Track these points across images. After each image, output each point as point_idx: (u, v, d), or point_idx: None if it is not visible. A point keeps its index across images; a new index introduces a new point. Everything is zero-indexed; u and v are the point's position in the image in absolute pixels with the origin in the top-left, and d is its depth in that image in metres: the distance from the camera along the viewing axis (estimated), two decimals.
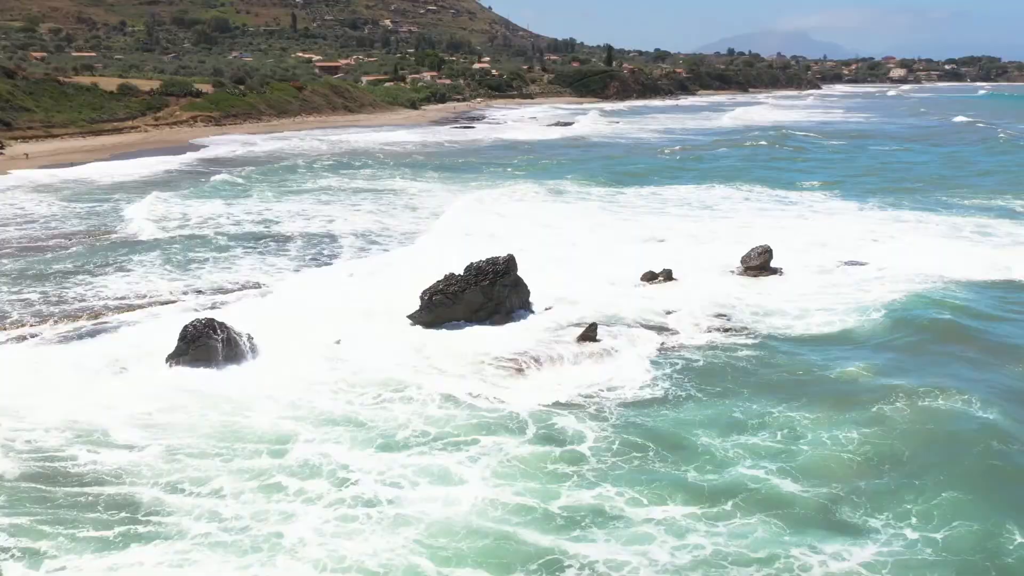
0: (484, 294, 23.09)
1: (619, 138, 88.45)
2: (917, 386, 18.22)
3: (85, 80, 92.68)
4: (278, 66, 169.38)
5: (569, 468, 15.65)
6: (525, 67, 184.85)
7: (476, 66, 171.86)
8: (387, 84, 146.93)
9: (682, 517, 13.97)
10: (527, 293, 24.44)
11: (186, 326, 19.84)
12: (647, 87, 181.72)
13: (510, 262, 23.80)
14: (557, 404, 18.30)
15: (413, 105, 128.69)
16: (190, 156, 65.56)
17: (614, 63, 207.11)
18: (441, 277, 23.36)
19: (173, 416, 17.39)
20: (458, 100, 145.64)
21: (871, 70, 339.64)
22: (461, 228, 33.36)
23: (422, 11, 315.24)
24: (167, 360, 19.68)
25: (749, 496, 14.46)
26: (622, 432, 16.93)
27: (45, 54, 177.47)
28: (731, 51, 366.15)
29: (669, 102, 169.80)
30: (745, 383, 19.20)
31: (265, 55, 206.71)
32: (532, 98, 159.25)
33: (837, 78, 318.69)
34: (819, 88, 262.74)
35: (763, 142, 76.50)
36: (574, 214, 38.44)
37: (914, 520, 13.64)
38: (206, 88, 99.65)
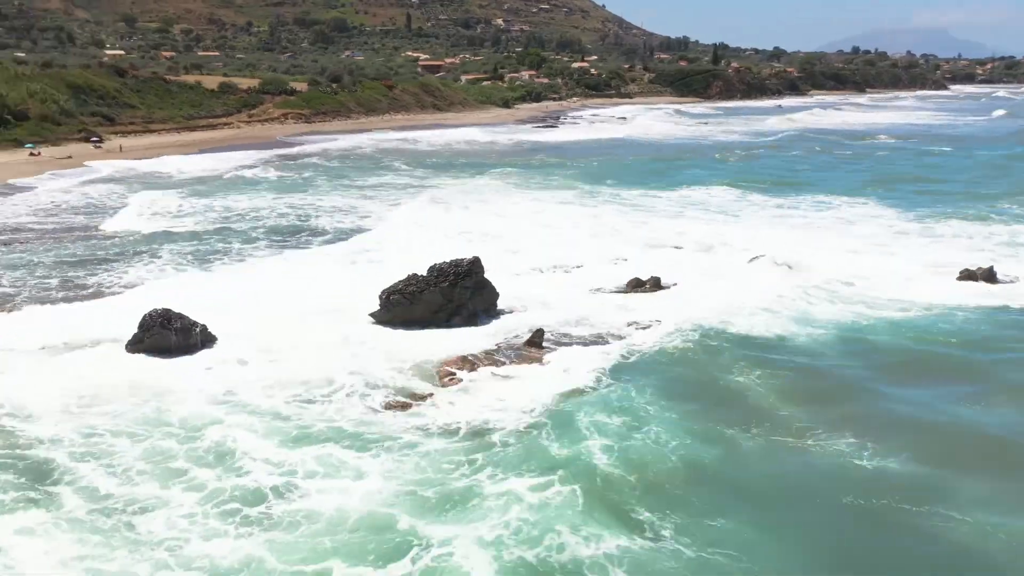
0: (443, 295, 23.48)
1: (689, 139, 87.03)
2: (785, 413, 18.20)
3: (190, 79, 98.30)
4: (385, 65, 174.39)
5: (464, 457, 16.14)
6: (626, 66, 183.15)
7: (575, 65, 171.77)
8: (485, 83, 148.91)
9: (526, 491, 14.67)
10: (494, 296, 24.65)
11: (144, 315, 21.16)
12: (752, 87, 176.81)
13: (474, 264, 24.09)
14: (478, 405, 18.62)
15: (506, 104, 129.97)
16: (268, 152, 68.61)
17: (722, 62, 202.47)
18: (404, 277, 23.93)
19: (111, 397, 18.63)
20: (554, 99, 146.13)
21: (1008, 70, 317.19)
22: (456, 228, 33.81)
23: (535, 10, 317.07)
24: (126, 347, 21.07)
25: (576, 470, 15.24)
26: (520, 428, 17.30)
27: (174, 53, 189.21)
28: (856, 49, 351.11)
29: (774, 102, 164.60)
30: (650, 378, 19.54)
31: (376, 54, 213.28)
32: (630, 98, 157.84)
33: (969, 78, 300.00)
34: (946, 89, 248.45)
35: (818, 147, 75.11)
36: (592, 216, 38.27)
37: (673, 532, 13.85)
38: (302, 87, 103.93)
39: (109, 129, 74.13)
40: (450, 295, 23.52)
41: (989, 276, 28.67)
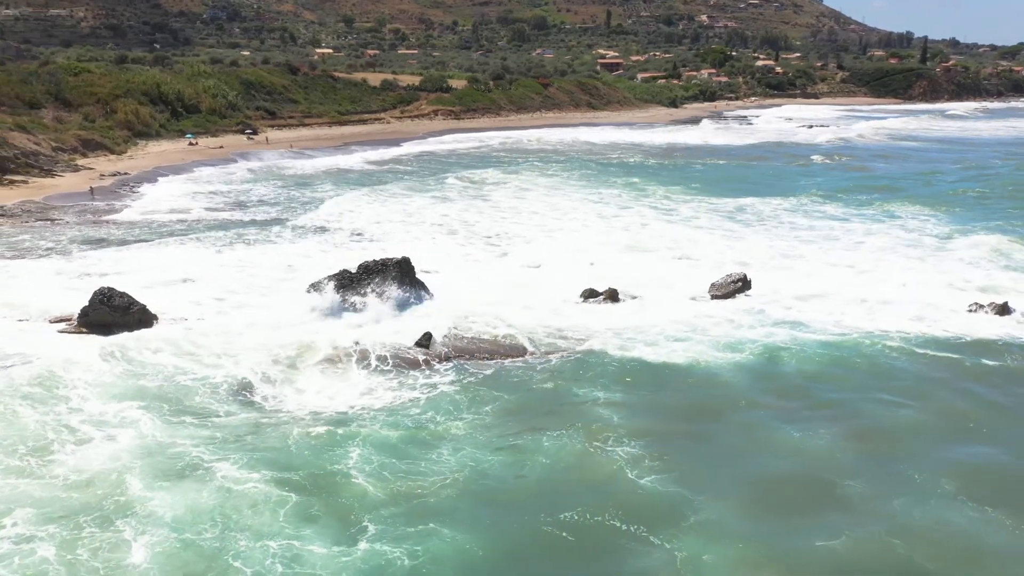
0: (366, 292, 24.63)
1: (804, 144, 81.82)
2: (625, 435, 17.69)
3: (357, 76, 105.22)
4: (571, 63, 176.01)
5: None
6: (818, 64, 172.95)
7: (759, 63, 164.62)
8: (659, 81, 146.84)
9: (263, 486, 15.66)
10: (424, 295, 25.48)
11: (94, 291, 23.99)
12: (964, 87, 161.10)
13: (400, 264, 25.06)
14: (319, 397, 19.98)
15: (673, 103, 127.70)
16: (395, 151, 71.81)
17: (936, 58, 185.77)
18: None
19: (32, 361, 21.45)
20: (730, 99, 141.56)
21: None
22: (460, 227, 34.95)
23: (742, 5, 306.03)
24: (77, 319, 24.02)
25: (320, 479, 15.99)
26: (316, 425, 18.37)
27: (377, 52, 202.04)
28: None
29: (986, 105, 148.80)
30: (490, 395, 19.81)
31: (568, 52, 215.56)
32: (817, 98, 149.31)
33: None
34: None
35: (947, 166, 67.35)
36: (617, 220, 37.85)
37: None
38: (461, 84, 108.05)
39: (268, 122, 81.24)
40: (370, 291, 24.61)
41: None
